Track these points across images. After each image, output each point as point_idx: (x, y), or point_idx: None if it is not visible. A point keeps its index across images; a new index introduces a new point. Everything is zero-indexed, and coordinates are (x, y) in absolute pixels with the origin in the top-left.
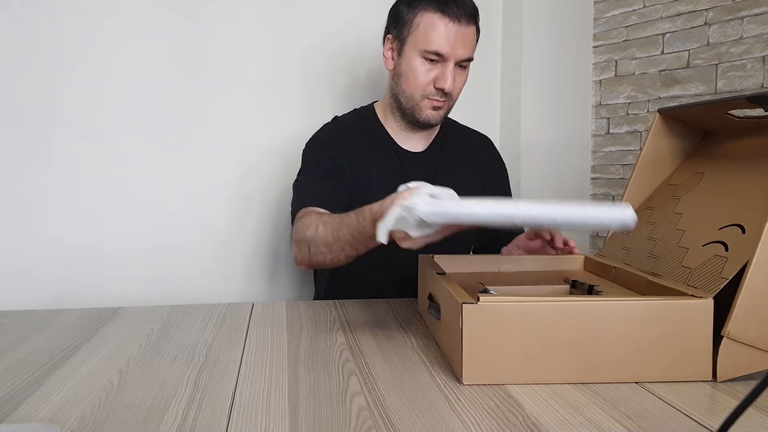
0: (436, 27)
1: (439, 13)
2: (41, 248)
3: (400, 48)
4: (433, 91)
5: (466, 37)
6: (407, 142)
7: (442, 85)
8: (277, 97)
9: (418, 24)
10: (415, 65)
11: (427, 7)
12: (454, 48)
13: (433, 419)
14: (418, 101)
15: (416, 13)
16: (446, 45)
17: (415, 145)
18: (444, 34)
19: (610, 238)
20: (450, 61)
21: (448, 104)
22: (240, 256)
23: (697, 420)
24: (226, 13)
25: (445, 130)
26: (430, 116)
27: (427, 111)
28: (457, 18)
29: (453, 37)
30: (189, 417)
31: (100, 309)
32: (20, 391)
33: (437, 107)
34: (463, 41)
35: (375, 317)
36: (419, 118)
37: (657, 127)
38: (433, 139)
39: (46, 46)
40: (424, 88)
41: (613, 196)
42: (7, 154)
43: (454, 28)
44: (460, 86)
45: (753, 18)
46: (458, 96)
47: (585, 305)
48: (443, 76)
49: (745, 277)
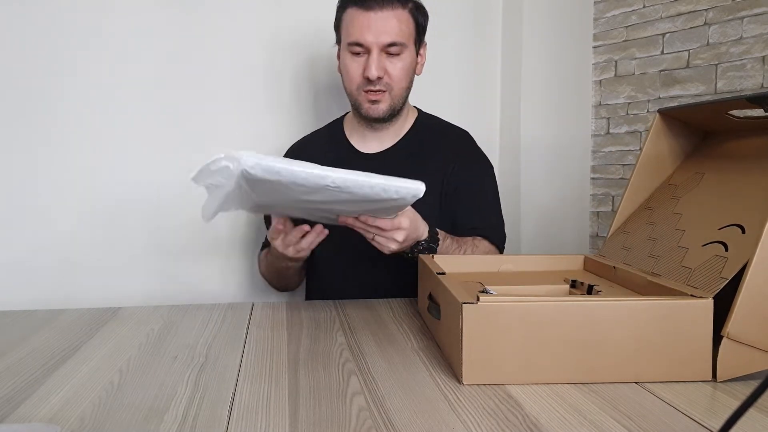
0: (354, 19)
1: (355, 6)
2: (41, 248)
3: (339, 51)
4: (363, 82)
5: (386, 22)
6: (370, 143)
7: (367, 74)
8: (277, 98)
9: (343, 21)
10: (346, 62)
11: (349, 4)
12: (375, 35)
13: (433, 419)
14: (356, 96)
15: (343, 14)
16: (364, 34)
17: (374, 146)
18: (360, 24)
19: (610, 238)
20: (372, 49)
21: (390, 95)
22: (240, 256)
23: (697, 420)
24: (226, 13)
25: (418, 128)
26: (369, 110)
27: (365, 105)
28: (370, 6)
29: (369, 25)
30: (189, 417)
31: (100, 309)
32: (20, 391)
33: (373, 100)
34: (383, 27)
35: (375, 317)
36: (362, 113)
37: (657, 127)
38: (401, 138)
39: (45, 47)
40: (356, 82)
41: (613, 196)
42: (7, 154)
43: (369, 16)
44: (397, 73)
45: (753, 18)
46: (401, 84)
47: (585, 305)
48: (367, 65)
49: (745, 277)
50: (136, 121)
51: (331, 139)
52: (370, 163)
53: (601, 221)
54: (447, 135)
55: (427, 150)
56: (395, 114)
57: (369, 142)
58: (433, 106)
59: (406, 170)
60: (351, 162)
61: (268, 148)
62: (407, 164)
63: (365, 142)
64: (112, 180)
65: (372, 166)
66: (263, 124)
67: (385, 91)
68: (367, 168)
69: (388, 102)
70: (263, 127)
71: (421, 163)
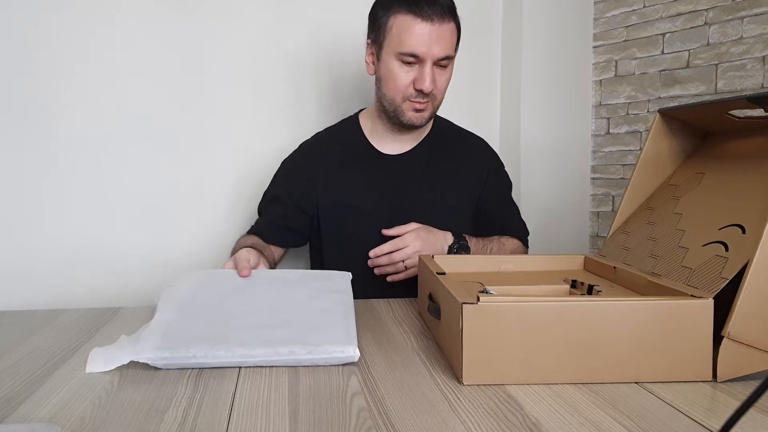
0: (409, 28)
1: (411, 14)
2: (41, 248)
3: (379, 52)
4: (413, 93)
5: (442, 35)
6: (391, 144)
7: (420, 87)
8: (276, 99)
9: (392, 27)
10: (393, 68)
11: (399, 9)
12: (429, 48)
13: (433, 419)
14: (399, 104)
15: (390, 16)
16: (421, 46)
17: (395, 149)
18: (417, 35)
19: (610, 238)
20: (427, 61)
21: (433, 104)
22: None
23: (697, 420)
24: (226, 16)
25: (437, 132)
26: (413, 118)
27: (409, 113)
28: (429, 17)
29: (427, 37)
30: (189, 417)
31: (100, 309)
32: (20, 391)
33: (419, 109)
34: (439, 40)
35: (375, 317)
36: (403, 121)
37: (657, 127)
38: (421, 141)
39: (46, 48)
40: (403, 91)
41: (613, 196)
42: (8, 155)
43: (427, 28)
44: (443, 85)
45: (753, 18)
46: (443, 95)
47: (585, 305)
48: (421, 78)
49: (745, 277)
50: (136, 122)
51: (348, 139)
52: (393, 164)
53: (601, 221)
54: (470, 141)
55: (453, 156)
56: (430, 120)
57: (390, 144)
58: None
59: (438, 172)
60: (373, 163)
61: (267, 150)
62: (438, 166)
63: (386, 143)
64: (112, 180)
65: (399, 165)
66: (263, 126)
67: (429, 102)
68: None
69: (431, 111)
70: (263, 128)
71: (450, 168)
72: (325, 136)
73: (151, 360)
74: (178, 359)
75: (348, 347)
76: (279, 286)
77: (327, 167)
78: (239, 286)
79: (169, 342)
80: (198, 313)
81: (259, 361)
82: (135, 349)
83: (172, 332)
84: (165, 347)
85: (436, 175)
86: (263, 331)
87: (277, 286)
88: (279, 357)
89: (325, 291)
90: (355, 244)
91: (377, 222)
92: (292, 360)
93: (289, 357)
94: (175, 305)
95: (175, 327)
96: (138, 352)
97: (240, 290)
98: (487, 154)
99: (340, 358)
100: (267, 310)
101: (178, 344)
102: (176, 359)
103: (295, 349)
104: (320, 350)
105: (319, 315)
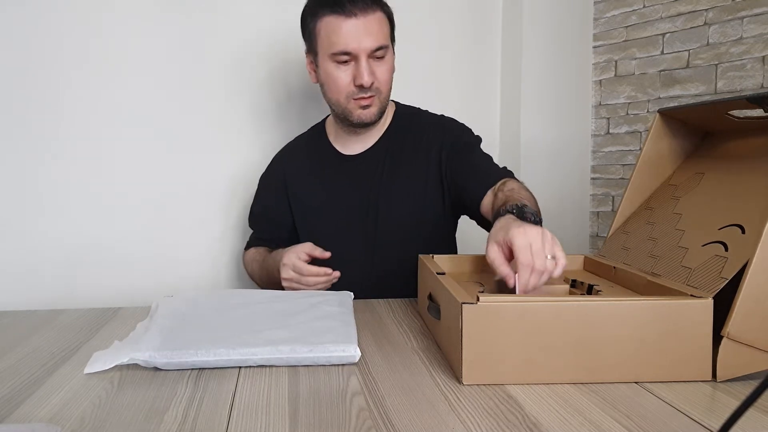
0: (336, 28)
1: (334, 14)
2: (41, 248)
3: (315, 59)
4: (355, 91)
5: (369, 26)
6: (352, 145)
7: (360, 82)
8: (276, 100)
9: (320, 30)
10: (330, 71)
11: (323, 12)
12: (359, 42)
13: (433, 419)
14: (345, 105)
15: (317, 21)
16: (350, 42)
17: (353, 149)
18: (345, 32)
19: (610, 238)
20: (360, 56)
21: (379, 98)
22: (240, 257)
23: (697, 420)
24: (224, 17)
25: (396, 124)
26: (362, 116)
27: (357, 111)
28: (352, 12)
29: (354, 33)
30: (189, 417)
31: (100, 309)
32: (20, 391)
33: (365, 105)
34: (367, 32)
35: (375, 317)
36: (352, 120)
37: (657, 127)
38: (380, 137)
39: (46, 48)
40: (345, 90)
41: (613, 196)
42: (7, 155)
43: (352, 23)
44: (385, 76)
45: (753, 18)
46: (388, 86)
47: (585, 305)
48: (359, 73)
49: (745, 277)
50: (136, 123)
51: (313, 145)
52: (351, 164)
53: (601, 221)
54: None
55: (412, 143)
56: (381, 115)
57: (352, 145)
58: (434, 107)
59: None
60: (334, 165)
61: (267, 150)
62: (398, 158)
63: (348, 144)
64: (112, 180)
65: (354, 168)
66: (262, 127)
67: (374, 96)
68: (354, 167)
69: (378, 105)
70: (262, 129)
71: (411, 156)
72: (293, 145)
73: (152, 358)
74: (179, 358)
75: (349, 346)
76: (281, 300)
77: (296, 173)
78: (240, 301)
79: (170, 343)
80: (199, 320)
81: (261, 360)
82: (135, 348)
83: (174, 335)
84: (166, 347)
85: (397, 168)
86: (264, 332)
87: (279, 300)
88: (280, 355)
89: (327, 303)
90: (320, 245)
91: (337, 223)
92: (293, 358)
93: (290, 355)
94: (175, 314)
95: (177, 331)
96: (138, 350)
97: (241, 305)
98: (441, 127)
99: (341, 357)
100: (268, 316)
101: (179, 344)
102: (177, 358)
103: (297, 347)
104: (321, 348)
105: (320, 319)
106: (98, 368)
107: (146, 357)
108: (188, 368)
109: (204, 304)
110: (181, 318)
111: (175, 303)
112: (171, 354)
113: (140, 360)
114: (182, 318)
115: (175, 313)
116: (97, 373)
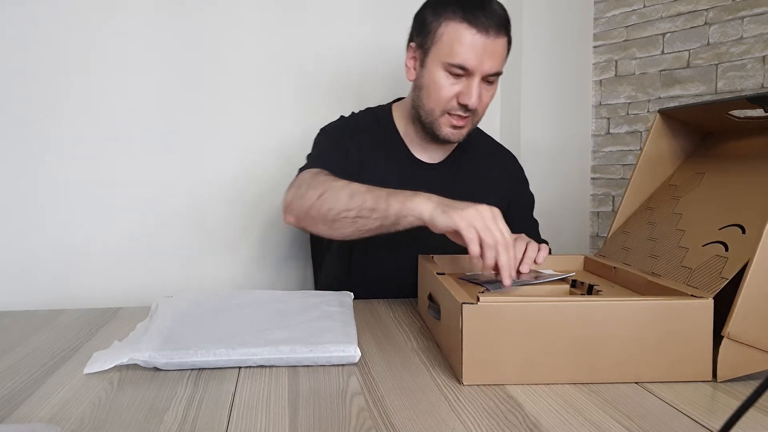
0: (462, 38)
1: (465, 23)
2: (41, 248)
3: (423, 58)
4: (455, 107)
5: (495, 49)
6: (423, 152)
7: (465, 101)
8: (275, 100)
9: (443, 34)
10: (437, 78)
11: (453, 16)
12: (480, 61)
13: (433, 419)
14: (437, 117)
15: (441, 22)
16: (472, 58)
17: (431, 156)
18: (470, 46)
19: (610, 238)
20: (476, 75)
21: (472, 121)
22: (240, 257)
23: (697, 420)
24: (227, 17)
25: (466, 142)
26: (450, 134)
27: (446, 129)
28: (485, 29)
29: (480, 50)
30: (189, 417)
31: (100, 309)
32: (20, 391)
33: (458, 126)
34: (491, 54)
35: (375, 317)
36: (438, 135)
37: (657, 127)
38: (452, 152)
39: (46, 48)
40: (445, 103)
41: (613, 196)
42: (7, 155)
43: (481, 40)
44: (487, 102)
45: (753, 18)
46: (484, 112)
47: (585, 305)
48: (468, 92)
49: (745, 277)
50: (136, 123)
51: (381, 136)
52: (430, 173)
53: (601, 221)
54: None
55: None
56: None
57: (426, 152)
58: None
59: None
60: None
61: (267, 150)
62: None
63: (423, 150)
64: (112, 181)
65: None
66: (262, 127)
67: (469, 117)
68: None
69: (469, 127)
70: (262, 129)
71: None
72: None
73: (152, 358)
74: (179, 358)
75: (349, 346)
76: (281, 300)
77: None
78: (240, 301)
79: (170, 343)
80: (199, 320)
81: (261, 360)
82: (135, 348)
83: (174, 336)
84: (165, 347)
85: (464, 187)
86: (264, 332)
87: (279, 300)
88: (280, 355)
89: (326, 303)
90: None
91: None
92: (293, 358)
93: (290, 355)
94: (175, 314)
95: (177, 331)
96: (138, 350)
97: (241, 305)
98: (514, 169)
99: (341, 357)
100: (268, 316)
101: (179, 344)
102: (177, 358)
103: (297, 348)
104: (321, 349)
105: (320, 319)
106: (98, 368)
107: (146, 357)
108: (188, 368)
109: (204, 304)
110: (181, 318)
111: (175, 303)
112: (171, 354)
113: (140, 360)
114: (182, 318)
115: (175, 313)
116: (97, 373)
